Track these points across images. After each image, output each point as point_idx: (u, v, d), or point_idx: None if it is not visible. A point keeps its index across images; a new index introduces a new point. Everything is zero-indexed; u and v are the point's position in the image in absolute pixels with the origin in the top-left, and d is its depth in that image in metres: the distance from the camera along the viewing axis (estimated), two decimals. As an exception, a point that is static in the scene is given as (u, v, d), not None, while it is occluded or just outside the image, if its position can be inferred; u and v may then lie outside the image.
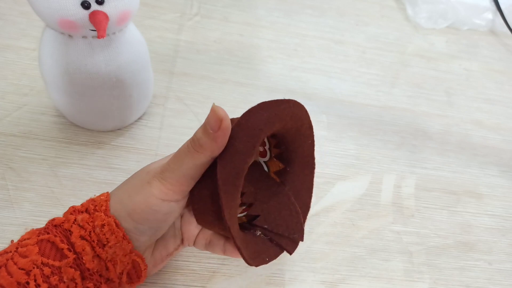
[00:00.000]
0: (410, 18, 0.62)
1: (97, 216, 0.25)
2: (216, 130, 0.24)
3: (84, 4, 0.28)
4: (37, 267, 0.23)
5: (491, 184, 0.46)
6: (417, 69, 0.56)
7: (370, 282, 0.36)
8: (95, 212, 0.25)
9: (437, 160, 0.47)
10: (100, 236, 0.25)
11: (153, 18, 0.52)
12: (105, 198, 0.26)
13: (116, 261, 0.26)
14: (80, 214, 0.26)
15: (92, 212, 0.25)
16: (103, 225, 0.25)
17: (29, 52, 0.44)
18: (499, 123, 0.53)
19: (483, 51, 0.61)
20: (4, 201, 0.35)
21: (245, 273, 0.35)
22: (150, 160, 0.39)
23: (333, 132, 0.47)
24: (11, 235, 0.33)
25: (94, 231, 0.25)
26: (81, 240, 0.25)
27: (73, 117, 0.39)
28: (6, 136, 0.38)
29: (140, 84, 0.37)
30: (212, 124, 0.24)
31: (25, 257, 0.24)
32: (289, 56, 0.53)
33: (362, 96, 0.51)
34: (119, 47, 0.33)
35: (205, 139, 0.25)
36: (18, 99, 0.41)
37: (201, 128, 0.25)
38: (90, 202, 0.26)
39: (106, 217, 0.25)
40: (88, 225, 0.25)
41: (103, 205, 0.26)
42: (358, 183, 0.43)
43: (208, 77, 0.48)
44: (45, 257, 0.24)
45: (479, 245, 0.41)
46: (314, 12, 0.59)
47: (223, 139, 0.25)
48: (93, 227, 0.25)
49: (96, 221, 0.25)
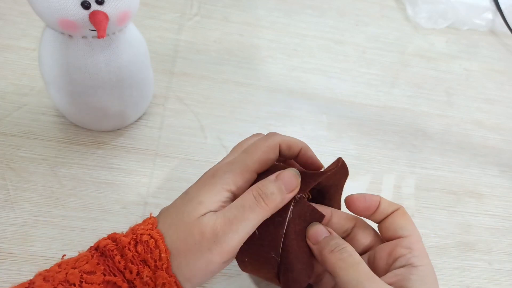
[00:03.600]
0: (410, 18, 0.62)
1: (159, 275, 0.25)
2: (288, 192, 0.26)
3: (84, 4, 0.28)
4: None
5: (491, 184, 0.46)
6: (417, 69, 0.56)
7: (370, 282, 0.36)
8: (157, 270, 0.25)
9: (437, 160, 0.47)
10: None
11: (153, 18, 0.52)
12: (165, 255, 0.25)
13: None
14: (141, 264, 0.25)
15: (154, 269, 0.25)
16: (164, 284, 0.25)
17: (29, 52, 0.44)
18: (499, 123, 0.53)
19: (483, 51, 0.61)
20: (4, 201, 0.35)
21: (245, 273, 0.35)
22: (150, 160, 0.39)
23: (333, 132, 0.47)
24: (11, 235, 0.33)
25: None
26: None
27: (73, 117, 0.39)
28: (6, 136, 0.38)
29: (140, 84, 0.37)
30: (289, 186, 0.26)
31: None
32: (289, 56, 0.53)
33: (362, 96, 0.51)
34: (119, 47, 0.33)
35: (278, 196, 0.26)
36: (18, 99, 0.41)
37: (274, 185, 0.26)
38: (146, 248, 0.26)
39: (167, 276, 0.25)
40: (151, 282, 0.25)
41: (164, 263, 0.25)
42: (358, 183, 0.43)
43: (208, 77, 0.48)
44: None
45: (479, 245, 0.41)
46: (314, 12, 0.59)
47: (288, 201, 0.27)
48: (155, 285, 0.25)
49: (158, 279, 0.25)
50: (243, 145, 0.31)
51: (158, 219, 0.28)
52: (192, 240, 0.25)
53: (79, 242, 0.34)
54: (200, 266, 0.25)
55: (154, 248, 0.25)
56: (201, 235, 0.25)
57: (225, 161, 0.29)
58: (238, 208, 0.26)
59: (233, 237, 0.25)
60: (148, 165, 0.39)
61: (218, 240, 0.25)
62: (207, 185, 0.27)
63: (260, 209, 0.25)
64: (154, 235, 0.26)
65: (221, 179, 0.27)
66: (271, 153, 0.28)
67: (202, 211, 0.26)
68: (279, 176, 0.27)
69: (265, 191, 0.26)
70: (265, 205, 0.26)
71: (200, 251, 0.25)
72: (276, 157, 0.29)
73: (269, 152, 0.28)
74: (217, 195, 0.26)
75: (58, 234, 0.34)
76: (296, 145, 0.30)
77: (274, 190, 0.26)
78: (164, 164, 0.40)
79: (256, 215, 0.25)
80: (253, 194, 0.26)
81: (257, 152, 0.28)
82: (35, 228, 0.34)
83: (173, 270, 0.25)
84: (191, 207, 0.26)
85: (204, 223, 0.25)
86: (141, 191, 0.38)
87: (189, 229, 0.26)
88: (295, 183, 0.27)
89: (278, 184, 0.26)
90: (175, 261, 0.25)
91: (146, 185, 0.38)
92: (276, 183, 0.26)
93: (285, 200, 0.27)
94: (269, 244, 0.27)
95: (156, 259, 0.25)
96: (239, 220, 0.25)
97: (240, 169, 0.27)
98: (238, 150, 0.30)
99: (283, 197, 0.26)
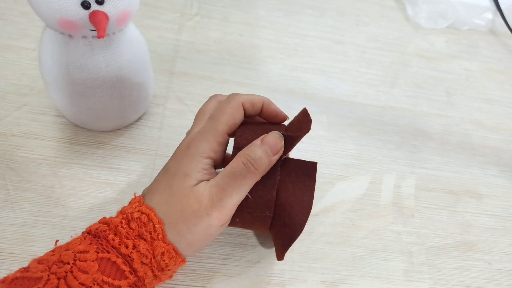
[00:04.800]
0: (410, 18, 0.62)
1: (156, 245, 0.26)
2: (274, 154, 0.28)
3: (84, 4, 0.28)
4: (97, 284, 0.24)
5: (491, 184, 0.46)
6: (417, 69, 0.56)
7: (370, 282, 0.36)
8: (154, 241, 0.26)
9: (437, 160, 0.47)
10: (160, 262, 0.26)
11: (153, 18, 0.52)
12: (159, 225, 0.26)
13: (170, 274, 0.28)
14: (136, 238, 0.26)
15: (150, 240, 0.26)
16: (163, 253, 0.26)
17: (29, 52, 0.44)
18: (499, 123, 0.53)
19: (483, 51, 0.61)
20: (4, 201, 0.35)
21: (245, 273, 0.35)
22: (150, 160, 0.39)
23: (333, 132, 0.47)
24: (11, 235, 0.33)
25: (154, 258, 0.26)
26: (143, 265, 0.26)
27: (73, 117, 0.39)
28: (6, 136, 0.38)
29: (140, 84, 0.37)
30: (274, 148, 0.28)
31: (86, 273, 0.24)
32: (289, 56, 0.53)
33: (362, 96, 0.51)
34: (119, 47, 0.33)
35: (266, 160, 0.27)
36: (18, 99, 0.41)
37: (260, 149, 0.27)
38: (139, 224, 0.26)
39: (165, 245, 0.26)
40: (149, 253, 0.26)
41: (159, 233, 0.26)
42: (358, 183, 0.43)
43: (208, 77, 0.48)
44: (105, 276, 0.24)
45: (479, 245, 0.41)
46: (314, 12, 0.59)
47: (275, 163, 0.28)
48: (154, 255, 0.26)
49: (156, 250, 0.26)
50: (205, 110, 0.32)
51: (144, 197, 0.29)
52: (190, 209, 0.27)
53: (79, 242, 0.34)
54: (200, 230, 0.27)
55: (147, 221, 0.26)
56: (198, 203, 0.27)
57: (194, 131, 0.30)
58: (229, 175, 0.27)
59: (228, 201, 0.27)
60: (148, 165, 0.39)
61: (215, 205, 0.27)
62: (185, 157, 0.28)
63: (250, 174, 0.27)
64: (144, 210, 0.27)
65: (197, 148, 0.28)
66: (237, 114, 0.30)
67: (192, 182, 0.27)
68: (264, 140, 0.28)
69: (253, 156, 0.27)
70: (254, 169, 0.27)
71: (200, 217, 0.26)
72: (242, 116, 0.30)
73: (234, 113, 0.30)
74: (199, 164, 0.28)
75: (58, 234, 0.34)
76: (259, 101, 0.31)
77: (261, 155, 0.27)
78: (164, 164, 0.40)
79: (247, 180, 0.27)
80: (242, 161, 0.27)
81: (223, 116, 0.29)
82: (35, 228, 0.34)
83: (170, 238, 0.26)
84: (178, 181, 0.27)
85: (200, 192, 0.27)
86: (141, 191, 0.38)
87: (185, 200, 0.27)
88: (279, 145, 0.28)
89: (264, 148, 0.28)
90: (173, 229, 0.27)
91: (146, 185, 0.38)
92: (262, 147, 0.28)
93: (272, 163, 0.28)
94: (263, 205, 0.29)
95: (151, 231, 0.26)
96: (232, 187, 0.27)
97: (212, 136, 0.29)
98: (202, 118, 0.31)
99: (270, 160, 0.28)
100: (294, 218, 0.29)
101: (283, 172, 0.30)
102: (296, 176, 0.30)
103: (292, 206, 0.30)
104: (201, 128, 0.30)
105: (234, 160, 0.28)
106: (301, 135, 0.30)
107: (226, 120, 0.29)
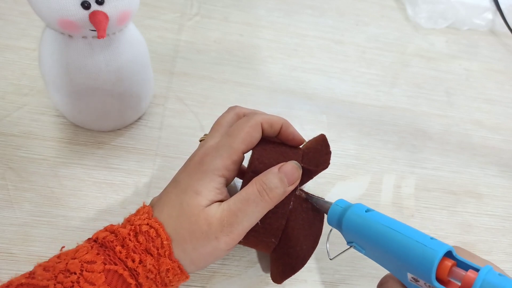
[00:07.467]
0: (410, 18, 0.62)
1: (163, 262, 0.26)
2: (290, 184, 0.28)
3: (84, 4, 0.28)
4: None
5: (491, 184, 0.46)
6: (417, 69, 0.56)
7: (370, 282, 0.36)
8: (160, 257, 0.26)
9: (437, 160, 0.47)
10: (164, 278, 0.26)
11: (153, 18, 0.52)
12: (167, 242, 0.26)
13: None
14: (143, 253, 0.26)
15: (157, 256, 0.26)
16: (168, 270, 0.26)
17: (29, 52, 0.44)
18: (499, 123, 0.53)
19: (483, 51, 0.61)
20: (4, 201, 0.35)
21: (245, 273, 0.35)
22: (150, 160, 0.39)
23: (333, 132, 0.47)
24: (11, 235, 0.33)
25: (159, 274, 0.26)
26: (148, 280, 0.26)
27: (73, 117, 0.39)
28: (6, 136, 0.38)
29: (140, 84, 0.37)
30: (290, 179, 0.27)
31: (92, 284, 0.24)
32: (289, 56, 0.53)
33: (362, 96, 0.51)
34: (119, 47, 0.33)
35: (281, 189, 0.27)
36: (18, 99, 0.41)
37: (276, 178, 0.27)
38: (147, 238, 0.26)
39: (171, 262, 0.26)
40: (155, 269, 0.26)
41: (166, 250, 0.26)
42: (358, 183, 0.43)
43: (208, 77, 0.48)
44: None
45: (479, 245, 0.41)
46: (314, 12, 0.59)
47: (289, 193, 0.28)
48: (159, 271, 0.26)
49: (162, 266, 0.26)
50: (222, 123, 0.31)
51: (152, 208, 0.28)
52: (199, 230, 0.26)
53: (79, 242, 0.33)
54: (206, 252, 0.27)
55: (156, 236, 0.26)
56: (208, 225, 0.26)
57: (209, 144, 0.30)
58: (242, 201, 0.27)
59: (238, 227, 0.26)
60: (148, 165, 0.39)
61: (224, 230, 0.26)
62: (198, 173, 0.28)
63: (263, 203, 0.27)
64: (153, 224, 0.27)
65: (210, 165, 0.28)
66: (254, 133, 0.29)
67: (203, 202, 0.27)
68: (282, 169, 0.28)
69: (269, 185, 0.27)
70: (268, 198, 0.27)
71: (208, 239, 0.26)
72: (259, 136, 0.30)
73: (252, 132, 0.29)
74: (212, 183, 0.27)
75: (58, 234, 0.34)
76: (277, 122, 0.31)
77: (277, 184, 0.27)
78: (164, 164, 0.40)
79: (260, 208, 0.27)
80: (257, 188, 0.27)
81: (240, 133, 0.29)
82: (35, 228, 0.34)
83: (176, 255, 0.26)
84: (189, 198, 0.27)
85: (210, 214, 0.26)
86: (141, 191, 0.38)
87: (195, 220, 0.26)
88: (296, 176, 0.28)
89: (281, 177, 0.27)
90: (180, 247, 0.26)
91: (146, 185, 0.38)
92: (278, 176, 0.27)
93: (286, 193, 0.28)
94: (270, 233, 0.29)
95: (158, 247, 0.26)
96: (244, 213, 0.26)
97: (228, 153, 0.28)
98: (218, 130, 0.31)
99: (285, 190, 0.28)
100: (299, 251, 0.29)
101: (295, 201, 0.29)
102: (306, 208, 0.30)
103: (298, 239, 0.29)
104: (216, 142, 0.29)
105: (249, 186, 0.27)
106: (319, 170, 0.29)
107: (243, 138, 0.29)
